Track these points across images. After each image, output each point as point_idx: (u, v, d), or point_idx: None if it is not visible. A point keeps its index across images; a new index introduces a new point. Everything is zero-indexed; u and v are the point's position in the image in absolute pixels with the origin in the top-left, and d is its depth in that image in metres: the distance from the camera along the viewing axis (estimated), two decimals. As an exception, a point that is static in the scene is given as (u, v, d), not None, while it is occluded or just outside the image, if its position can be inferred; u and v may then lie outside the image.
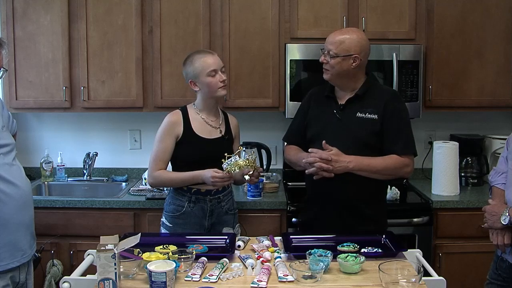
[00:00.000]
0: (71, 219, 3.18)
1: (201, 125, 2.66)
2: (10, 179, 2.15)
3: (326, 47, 2.48)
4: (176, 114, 2.68)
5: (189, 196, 2.64)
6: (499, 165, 2.40)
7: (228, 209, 2.71)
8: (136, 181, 3.66)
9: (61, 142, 3.78)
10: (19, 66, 3.40)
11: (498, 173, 2.38)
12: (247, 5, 3.35)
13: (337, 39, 2.45)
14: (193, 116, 2.67)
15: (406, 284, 1.78)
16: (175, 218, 2.66)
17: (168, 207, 2.71)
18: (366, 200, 2.49)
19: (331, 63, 2.46)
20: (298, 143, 2.66)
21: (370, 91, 2.52)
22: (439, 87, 3.40)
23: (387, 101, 2.49)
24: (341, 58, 2.44)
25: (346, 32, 2.51)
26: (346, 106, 2.52)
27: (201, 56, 2.62)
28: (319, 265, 1.89)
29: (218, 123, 2.71)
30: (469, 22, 3.37)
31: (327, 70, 2.50)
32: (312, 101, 2.65)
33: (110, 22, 3.37)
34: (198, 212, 2.65)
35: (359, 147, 2.45)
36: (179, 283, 1.86)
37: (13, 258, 2.16)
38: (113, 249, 1.76)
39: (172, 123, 2.65)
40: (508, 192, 2.27)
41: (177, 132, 2.63)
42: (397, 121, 2.48)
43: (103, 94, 3.42)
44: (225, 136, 2.69)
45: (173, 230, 2.65)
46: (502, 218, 2.16)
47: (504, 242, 2.19)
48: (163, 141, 2.63)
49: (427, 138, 3.73)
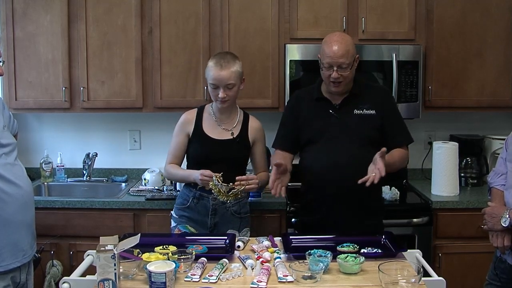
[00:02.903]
0: (71, 219, 3.18)
1: (212, 125, 2.69)
2: (12, 179, 2.15)
3: (336, 62, 2.39)
4: (191, 113, 2.75)
5: (195, 192, 2.67)
6: (498, 166, 2.40)
7: (235, 211, 2.68)
8: (135, 181, 3.66)
9: (60, 143, 3.78)
10: (19, 66, 3.40)
11: (497, 175, 2.38)
12: (246, 6, 3.35)
13: (343, 51, 2.39)
14: (206, 115, 2.71)
15: (405, 284, 1.78)
16: (181, 211, 2.71)
17: (178, 199, 2.78)
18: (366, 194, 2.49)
19: (346, 75, 2.42)
20: (290, 147, 2.63)
21: (363, 89, 2.56)
22: (439, 88, 3.40)
23: (384, 97, 2.59)
24: (352, 65, 2.44)
25: (340, 39, 2.43)
26: (343, 105, 2.53)
27: (212, 66, 2.57)
28: (318, 266, 1.89)
29: (231, 125, 2.70)
30: (469, 22, 3.37)
31: (340, 83, 2.44)
32: (300, 104, 2.63)
33: (109, 22, 3.37)
34: (201, 209, 2.66)
35: (361, 143, 2.48)
36: (179, 283, 1.86)
37: (14, 258, 2.16)
38: (112, 249, 1.76)
39: (185, 121, 2.73)
40: (508, 194, 2.27)
41: (188, 130, 2.70)
42: (396, 115, 2.59)
43: (102, 94, 3.42)
44: (236, 138, 2.69)
45: (179, 222, 2.70)
46: (502, 220, 2.16)
47: (504, 244, 2.19)
48: (176, 136, 2.74)
49: (427, 139, 3.72)
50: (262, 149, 2.78)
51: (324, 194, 2.53)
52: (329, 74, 2.43)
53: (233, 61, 2.58)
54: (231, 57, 2.61)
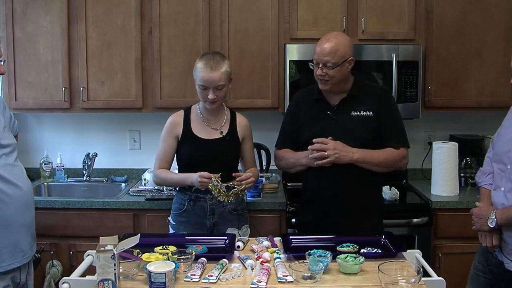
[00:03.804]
0: (71, 219, 3.18)
1: (200, 126, 2.68)
2: (12, 180, 2.15)
3: (321, 60, 2.43)
4: (178, 115, 2.72)
5: (190, 195, 2.65)
6: (485, 166, 2.42)
7: (233, 209, 2.68)
8: (135, 181, 3.66)
9: (60, 143, 3.78)
10: (19, 66, 3.40)
11: (485, 174, 2.40)
12: (246, 6, 3.35)
13: (330, 49, 2.41)
14: (194, 116, 2.70)
15: (405, 284, 1.78)
16: (178, 216, 2.69)
17: (173, 205, 2.75)
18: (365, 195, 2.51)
19: (331, 73, 2.44)
20: (291, 149, 2.64)
21: (361, 90, 2.56)
22: (439, 88, 3.40)
23: (381, 98, 2.56)
24: (340, 66, 2.43)
25: (333, 38, 2.45)
26: (340, 106, 2.53)
27: (201, 67, 2.54)
28: (318, 266, 1.89)
29: (220, 124, 2.70)
30: (468, 23, 3.37)
31: (326, 81, 2.47)
32: (300, 105, 2.65)
33: (109, 22, 3.37)
34: (198, 211, 2.65)
35: (357, 144, 2.47)
36: (179, 283, 1.86)
37: (14, 258, 2.16)
38: (112, 249, 1.76)
39: (172, 123, 2.70)
40: (494, 194, 2.29)
41: (177, 132, 2.68)
42: (393, 116, 2.56)
43: (102, 94, 3.42)
44: (226, 137, 2.69)
45: (176, 228, 2.68)
46: (489, 221, 2.19)
47: (493, 244, 2.22)
48: (164, 141, 2.70)
49: (427, 139, 3.72)
50: (250, 145, 2.79)
51: (321, 196, 2.54)
52: (316, 70, 2.48)
53: (222, 62, 2.56)
54: (220, 57, 2.59)
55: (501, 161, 2.29)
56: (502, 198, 2.23)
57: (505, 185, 2.23)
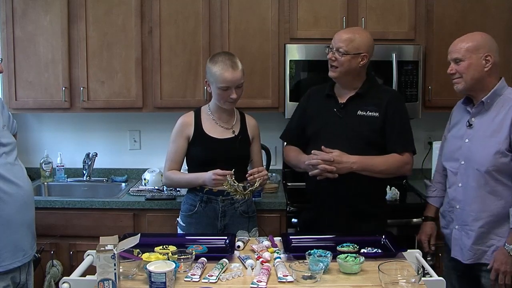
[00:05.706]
0: (71, 219, 3.18)
1: (212, 126, 2.67)
2: (12, 179, 2.15)
3: (335, 45, 2.48)
4: (188, 116, 2.71)
5: (201, 196, 2.64)
6: (437, 176, 2.62)
7: (243, 211, 2.67)
8: (135, 181, 3.66)
9: (60, 143, 3.78)
10: (19, 66, 3.40)
11: (433, 188, 2.61)
12: (246, 6, 3.35)
13: (347, 37, 2.46)
14: (205, 116, 2.69)
15: (405, 284, 1.78)
16: (188, 218, 2.67)
17: (183, 206, 2.73)
18: (368, 198, 2.50)
19: (341, 60, 2.46)
20: (297, 141, 2.68)
21: (371, 90, 2.55)
22: (439, 88, 3.40)
23: (390, 101, 2.53)
24: (351, 56, 2.45)
25: (355, 31, 2.54)
26: (347, 104, 2.54)
27: (221, 69, 2.52)
28: (318, 266, 1.89)
29: (231, 124, 2.70)
30: (468, 22, 3.36)
31: (335, 68, 2.49)
32: (311, 99, 2.67)
33: (109, 22, 3.37)
34: (210, 213, 2.64)
35: (361, 144, 2.47)
36: (179, 283, 1.86)
37: (15, 258, 2.16)
38: (112, 249, 1.76)
39: (183, 124, 2.68)
40: (451, 191, 2.42)
41: (187, 133, 2.66)
42: (399, 120, 2.52)
43: (102, 94, 3.42)
44: (238, 136, 2.69)
45: (186, 230, 2.66)
46: None
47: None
48: (174, 142, 2.69)
49: (427, 138, 3.72)
50: (259, 146, 2.80)
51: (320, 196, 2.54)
52: (328, 54, 2.51)
53: (237, 60, 2.59)
54: (234, 56, 2.61)
55: (452, 158, 2.40)
56: (460, 194, 2.34)
57: (461, 180, 2.33)
